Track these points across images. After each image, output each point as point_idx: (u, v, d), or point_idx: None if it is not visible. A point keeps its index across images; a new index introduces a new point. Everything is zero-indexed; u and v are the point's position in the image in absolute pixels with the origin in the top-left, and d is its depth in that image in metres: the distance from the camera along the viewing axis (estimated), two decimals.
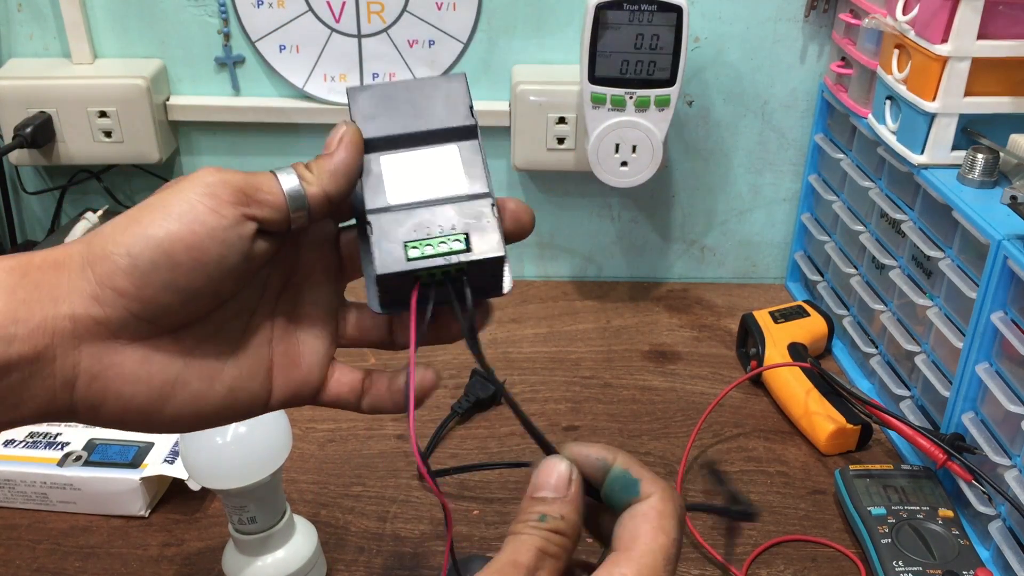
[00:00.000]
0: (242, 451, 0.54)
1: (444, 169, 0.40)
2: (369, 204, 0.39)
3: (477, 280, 0.39)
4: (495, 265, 0.39)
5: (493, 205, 0.39)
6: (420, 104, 0.40)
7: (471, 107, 0.41)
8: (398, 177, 0.39)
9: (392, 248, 0.38)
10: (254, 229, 0.37)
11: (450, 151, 0.40)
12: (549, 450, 0.39)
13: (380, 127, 0.40)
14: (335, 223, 0.42)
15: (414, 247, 0.38)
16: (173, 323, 0.37)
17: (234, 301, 0.39)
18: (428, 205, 0.39)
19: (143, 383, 0.37)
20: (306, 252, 0.41)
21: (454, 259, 0.38)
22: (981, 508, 0.65)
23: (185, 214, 0.35)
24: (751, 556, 0.66)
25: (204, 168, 0.37)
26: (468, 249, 0.38)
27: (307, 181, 0.38)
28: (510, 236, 0.41)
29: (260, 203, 0.37)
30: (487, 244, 0.39)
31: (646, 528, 0.36)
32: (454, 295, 0.39)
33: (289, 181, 0.38)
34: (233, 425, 0.54)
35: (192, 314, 0.38)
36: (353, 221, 0.42)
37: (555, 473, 0.37)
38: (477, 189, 0.39)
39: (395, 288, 0.39)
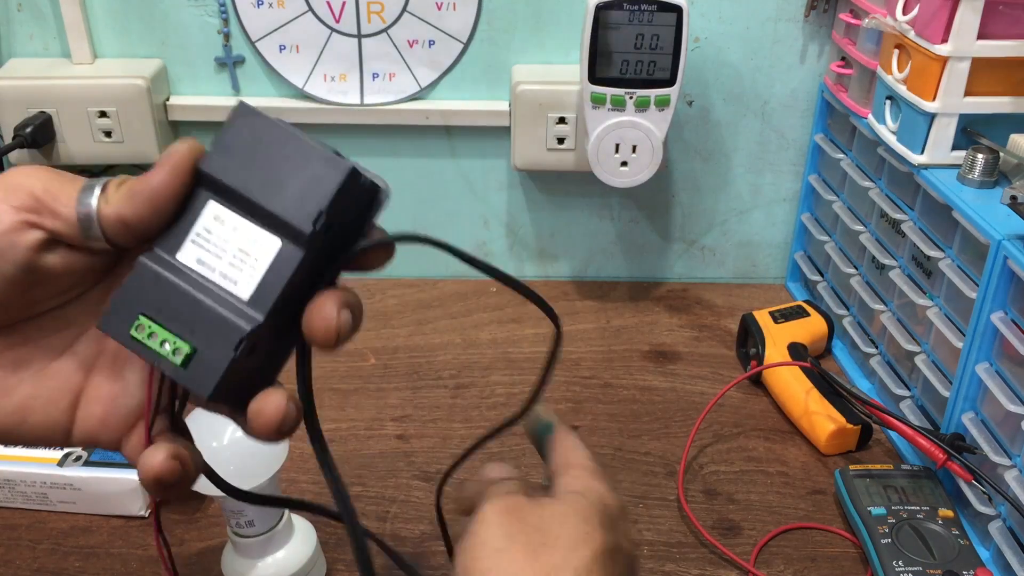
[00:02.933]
0: (238, 456, 0.54)
1: (250, 260, 0.35)
2: (159, 241, 0.35)
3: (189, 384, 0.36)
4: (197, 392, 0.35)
5: (242, 341, 0.34)
6: (285, 171, 0.34)
7: (321, 213, 0.34)
8: (207, 233, 0.35)
9: (128, 310, 0.34)
10: (38, 238, 0.34)
11: (271, 245, 0.35)
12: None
13: (228, 170, 0.34)
14: None
15: (141, 325, 0.34)
16: None
17: (53, 318, 0.37)
18: (200, 290, 0.34)
19: None
20: None
21: (163, 366, 0.34)
22: (981, 508, 0.65)
23: None
24: (754, 552, 0.67)
25: (28, 167, 0.35)
26: (183, 367, 0.34)
27: (105, 199, 0.34)
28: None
29: (52, 213, 0.34)
30: (203, 376, 0.34)
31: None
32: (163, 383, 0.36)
33: (87, 197, 0.34)
34: (229, 429, 0.54)
35: None
36: None
37: None
38: (251, 311, 0.34)
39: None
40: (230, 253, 0.35)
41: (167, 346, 0.34)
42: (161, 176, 0.34)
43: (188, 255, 0.35)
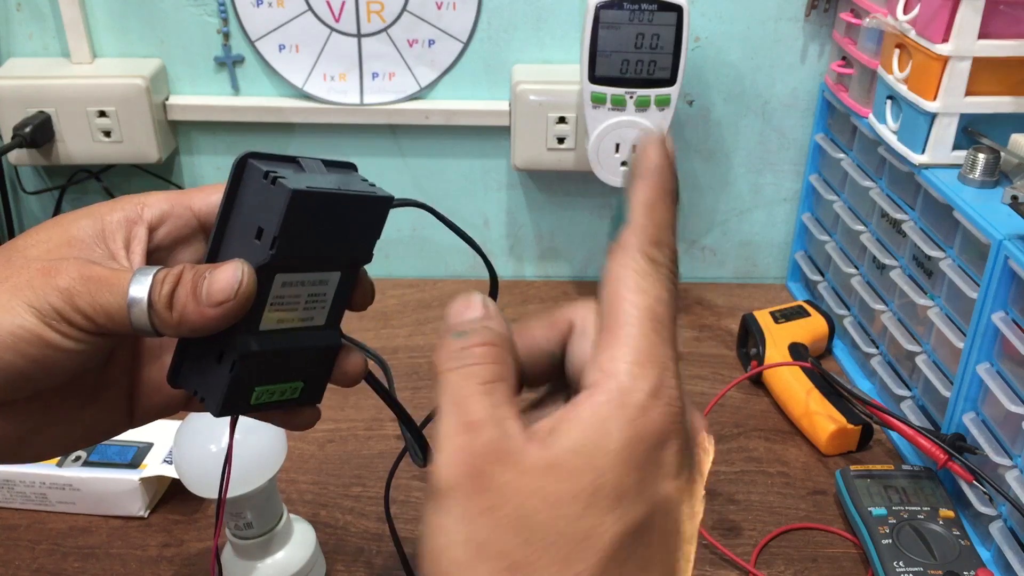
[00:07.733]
0: (236, 459, 0.54)
1: (320, 298, 0.39)
2: (240, 328, 0.37)
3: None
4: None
5: (336, 354, 0.41)
6: (341, 229, 0.38)
7: (375, 241, 0.40)
8: (280, 298, 0.38)
9: (242, 393, 0.38)
10: (86, 348, 0.36)
11: (333, 279, 0.39)
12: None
13: (295, 249, 0.36)
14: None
15: (260, 394, 0.39)
16: (21, 397, 0.37)
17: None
18: (290, 341, 0.38)
19: None
20: None
21: (283, 406, 0.40)
22: (982, 508, 0.65)
23: (24, 337, 0.35)
24: (755, 553, 0.66)
25: (59, 272, 0.35)
26: (298, 398, 0.40)
27: (162, 322, 0.35)
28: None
29: (110, 330, 0.36)
30: (313, 393, 0.41)
31: (623, 294, 0.29)
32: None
33: (140, 317, 0.35)
34: (226, 433, 0.54)
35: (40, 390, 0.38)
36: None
37: (468, 302, 0.32)
38: (331, 331, 0.40)
39: None
40: (303, 301, 0.39)
41: (285, 394, 0.40)
42: (218, 319, 0.36)
43: (269, 321, 0.38)
